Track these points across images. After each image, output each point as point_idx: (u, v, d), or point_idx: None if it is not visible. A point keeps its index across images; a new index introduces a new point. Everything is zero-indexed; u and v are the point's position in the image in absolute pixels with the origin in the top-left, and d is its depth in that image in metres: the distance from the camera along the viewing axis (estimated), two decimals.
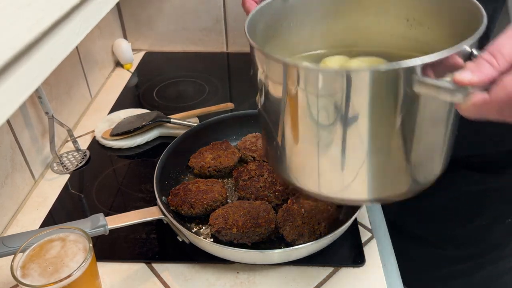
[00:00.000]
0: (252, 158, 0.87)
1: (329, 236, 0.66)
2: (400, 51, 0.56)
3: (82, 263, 0.55)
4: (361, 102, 0.42)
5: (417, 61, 0.39)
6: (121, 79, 1.28)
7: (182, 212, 0.75)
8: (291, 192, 0.79)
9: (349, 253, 0.71)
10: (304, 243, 0.67)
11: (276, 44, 0.57)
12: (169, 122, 0.99)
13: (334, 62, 0.56)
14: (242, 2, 0.67)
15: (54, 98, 0.96)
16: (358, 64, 0.54)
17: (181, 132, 0.92)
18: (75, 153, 0.97)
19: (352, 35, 0.59)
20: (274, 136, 0.52)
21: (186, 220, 0.76)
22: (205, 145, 0.90)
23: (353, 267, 0.70)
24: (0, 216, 0.78)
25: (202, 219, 0.76)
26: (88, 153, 0.96)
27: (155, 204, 0.72)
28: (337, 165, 0.47)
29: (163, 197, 0.75)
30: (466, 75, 0.39)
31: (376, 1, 0.56)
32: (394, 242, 1.01)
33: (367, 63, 0.54)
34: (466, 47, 0.41)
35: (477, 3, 0.47)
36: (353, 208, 0.72)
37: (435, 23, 0.53)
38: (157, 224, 0.77)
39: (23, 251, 0.56)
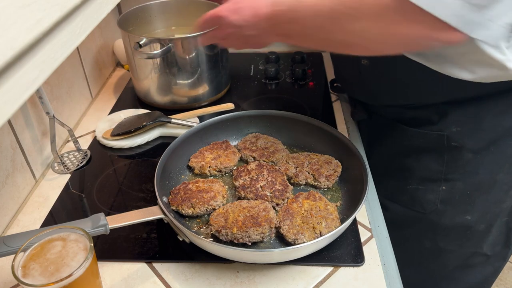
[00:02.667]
0: (252, 158, 0.87)
1: (328, 235, 0.66)
2: None
3: (83, 262, 0.55)
4: None
5: None
6: (121, 79, 1.29)
7: (183, 211, 0.75)
8: (291, 192, 0.79)
9: (349, 252, 0.72)
10: (304, 242, 0.67)
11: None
12: (170, 122, 0.99)
13: None
14: None
15: (55, 98, 0.97)
16: None
17: (181, 132, 0.92)
18: (76, 153, 0.97)
19: None
20: None
21: (186, 219, 0.76)
22: (205, 145, 0.91)
23: (353, 266, 0.70)
24: (1, 216, 0.78)
25: (203, 218, 0.77)
26: (88, 153, 0.97)
27: (156, 203, 0.72)
28: None
29: (163, 197, 0.75)
30: None
31: None
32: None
33: None
34: None
35: None
36: (352, 208, 0.73)
37: None
38: (157, 223, 0.78)
39: (24, 250, 0.57)
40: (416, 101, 0.85)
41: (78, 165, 0.93)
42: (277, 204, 0.77)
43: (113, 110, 1.12)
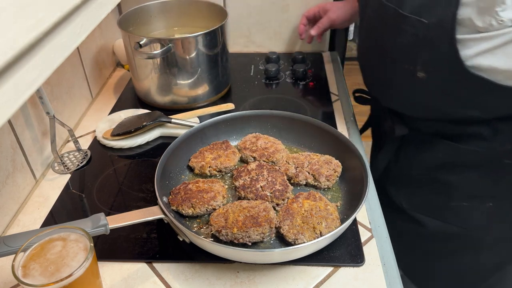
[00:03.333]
0: (252, 158, 0.87)
1: (329, 235, 0.66)
2: None
3: (83, 262, 0.55)
4: None
5: None
6: (122, 79, 1.29)
7: (183, 211, 0.75)
8: (291, 192, 0.79)
9: (349, 252, 0.72)
10: (304, 242, 0.67)
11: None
12: (170, 122, 0.99)
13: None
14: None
15: (55, 98, 0.97)
16: None
17: (181, 132, 0.92)
18: (76, 153, 0.97)
19: None
20: None
21: (186, 219, 0.76)
22: (205, 145, 0.91)
23: (353, 266, 0.70)
24: (1, 215, 0.78)
25: (203, 218, 0.77)
26: (89, 153, 0.97)
27: (156, 203, 0.72)
28: None
29: (163, 197, 0.75)
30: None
31: None
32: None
33: None
34: None
35: None
36: (352, 208, 0.73)
37: None
38: (157, 223, 0.78)
39: (24, 250, 0.57)
40: (470, 115, 0.81)
41: (78, 165, 0.93)
42: (277, 204, 0.77)
43: (113, 110, 1.12)
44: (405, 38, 0.77)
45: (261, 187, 0.78)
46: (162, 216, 0.70)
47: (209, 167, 0.85)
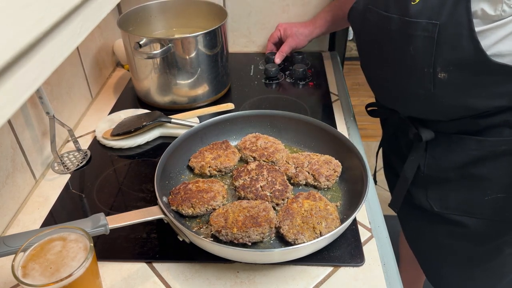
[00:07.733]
0: (252, 158, 0.87)
1: (328, 235, 0.66)
2: None
3: (83, 262, 0.55)
4: None
5: None
6: (121, 79, 1.29)
7: (183, 211, 0.75)
8: (291, 192, 0.79)
9: (349, 252, 0.72)
10: (304, 242, 0.67)
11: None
12: (170, 122, 0.99)
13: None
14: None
15: (55, 98, 0.97)
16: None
17: (181, 132, 0.92)
18: (76, 153, 0.97)
19: None
20: None
21: (186, 219, 0.76)
22: (205, 145, 0.91)
23: (353, 266, 0.70)
24: (1, 216, 0.78)
25: (203, 218, 0.77)
26: (88, 153, 0.97)
27: (156, 203, 0.72)
28: None
29: (163, 197, 0.75)
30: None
31: None
32: (413, 219, 1.05)
33: None
34: None
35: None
36: (352, 208, 0.73)
37: None
38: (157, 223, 0.78)
39: (24, 250, 0.57)
40: (496, 105, 0.80)
41: (78, 165, 0.93)
42: (277, 204, 0.77)
43: (113, 110, 1.12)
44: (419, 43, 0.77)
45: (261, 187, 0.78)
46: (162, 216, 0.70)
47: (209, 167, 0.85)
